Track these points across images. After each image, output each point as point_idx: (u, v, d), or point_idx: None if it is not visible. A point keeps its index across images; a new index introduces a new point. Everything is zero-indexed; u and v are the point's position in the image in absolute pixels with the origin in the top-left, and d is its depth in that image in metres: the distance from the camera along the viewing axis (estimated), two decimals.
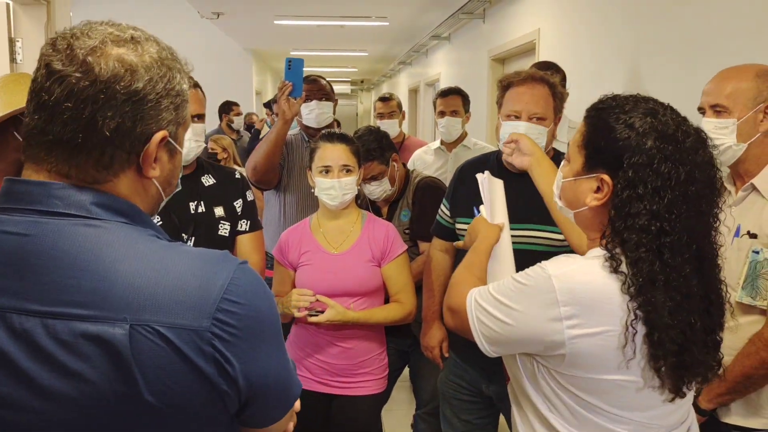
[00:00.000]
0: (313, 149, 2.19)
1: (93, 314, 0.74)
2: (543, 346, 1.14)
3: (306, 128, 2.82)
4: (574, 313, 1.09)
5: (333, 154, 2.12)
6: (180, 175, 0.95)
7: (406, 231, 2.53)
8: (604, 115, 1.16)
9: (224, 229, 1.96)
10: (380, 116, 3.84)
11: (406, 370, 2.71)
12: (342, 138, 2.17)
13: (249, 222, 2.01)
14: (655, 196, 1.07)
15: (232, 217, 1.98)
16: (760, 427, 1.60)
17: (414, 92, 10.04)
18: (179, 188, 0.98)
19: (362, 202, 2.58)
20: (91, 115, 0.78)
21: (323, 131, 2.27)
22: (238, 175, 2.06)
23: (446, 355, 2.25)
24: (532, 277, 1.17)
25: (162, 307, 0.76)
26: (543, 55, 3.98)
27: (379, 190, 2.50)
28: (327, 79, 2.93)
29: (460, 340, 2.15)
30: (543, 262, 1.18)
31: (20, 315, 0.75)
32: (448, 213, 2.19)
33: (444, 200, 2.24)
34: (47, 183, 0.80)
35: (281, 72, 3.14)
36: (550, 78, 2.01)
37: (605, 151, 1.13)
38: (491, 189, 1.60)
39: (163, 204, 0.93)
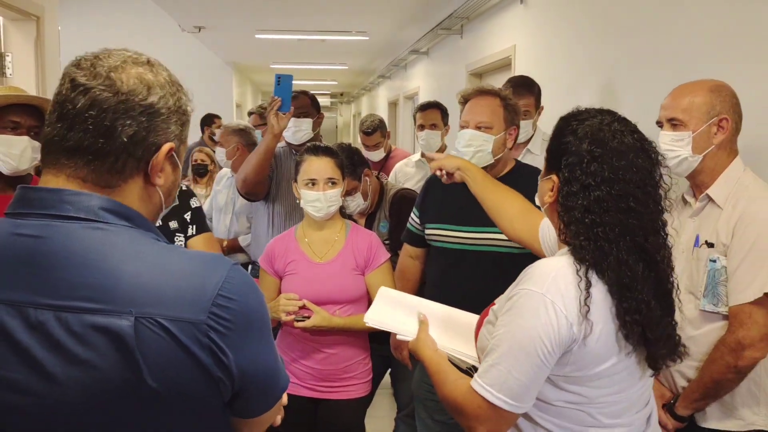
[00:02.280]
0: (299, 162, 2.27)
1: (101, 308, 0.82)
2: (553, 347, 1.16)
3: (288, 143, 2.91)
4: (562, 303, 1.17)
5: (318, 167, 2.20)
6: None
7: (386, 242, 2.62)
8: (561, 123, 1.31)
9: (179, 240, 2.12)
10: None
11: (388, 377, 2.79)
12: (327, 151, 2.25)
13: (195, 226, 2.17)
14: (585, 191, 1.20)
15: (183, 227, 2.14)
16: (735, 429, 1.65)
17: (393, 105, 10.16)
18: (176, 202, 1.07)
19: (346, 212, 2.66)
20: (111, 123, 0.87)
21: (308, 144, 2.36)
22: (183, 187, 2.19)
23: (410, 367, 2.34)
24: (509, 308, 1.22)
25: (163, 302, 0.84)
26: (519, 69, 4.11)
27: (353, 204, 2.61)
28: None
29: None
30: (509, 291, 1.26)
31: (35, 309, 0.82)
32: (417, 220, 2.30)
33: (414, 208, 2.35)
34: (59, 189, 0.88)
35: (261, 85, 3.22)
36: (501, 92, 2.16)
37: (554, 154, 1.29)
38: (383, 317, 1.67)
39: (162, 213, 1.02)
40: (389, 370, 2.77)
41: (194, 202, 2.21)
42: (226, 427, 0.94)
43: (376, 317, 1.68)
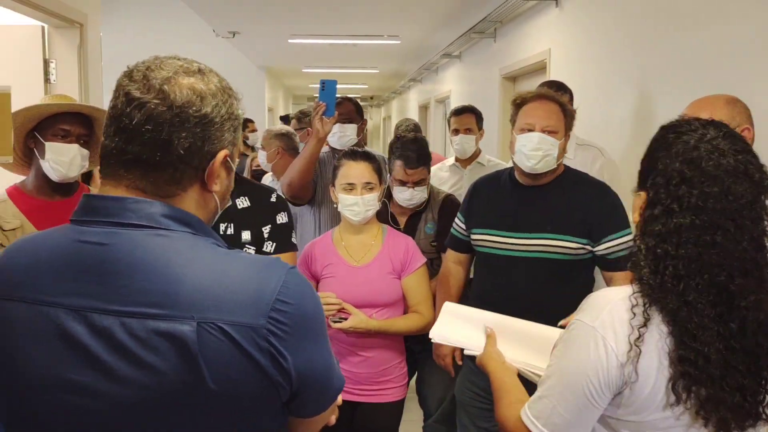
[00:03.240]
0: (337, 167, 2.29)
1: (164, 313, 0.84)
2: (602, 386, 1.09)
3: (332, 148, 2.95)
4: (614, 339, 1.08)
5: (356, 171, 2.22)
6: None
7: (433, 243, 2.60)
8: (658, 134, 1.18)
9: (249, 252, 2.03)
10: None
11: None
12: (365, 156, 2.27)
13: (275, 244, 2.04)
14: (666, 217, 1.08)
15: (257, 241, 2.02)
16: None
17: (424, 108, 10.16)
18: (230, 203, 1.09)
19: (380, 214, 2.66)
20: (168, 136, 0.89)
21: (348, 149, 2.39)
22: (273, 198, 2.08)
23: (459, 362, 2.31)
24: (563, 339, 1.17)
25: (224, 306, 0.85)
26: (554, 73, 4.08)
27: (419, 196, 2.56)
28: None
29: None
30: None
31: (100, 314, 0.85)
32: (463, 226, 2.28)
33: (459, 214, 2.33)
34: (122, 198, 0.90)
35: (292, 89, 3.27)
36: (559, 98, 2.13)
37: (645, 169, 1.17)
38: (451, 330, 1.63)
39: (216, 216, 1.04)
40: (416, 374, 2.75)
41: (282, 218, 2.07)
42: (283, 428, 0.96)
43: (441, 332, 1.64)
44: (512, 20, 5.01)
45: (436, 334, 1.66)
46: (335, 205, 2.29)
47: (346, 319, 2.14)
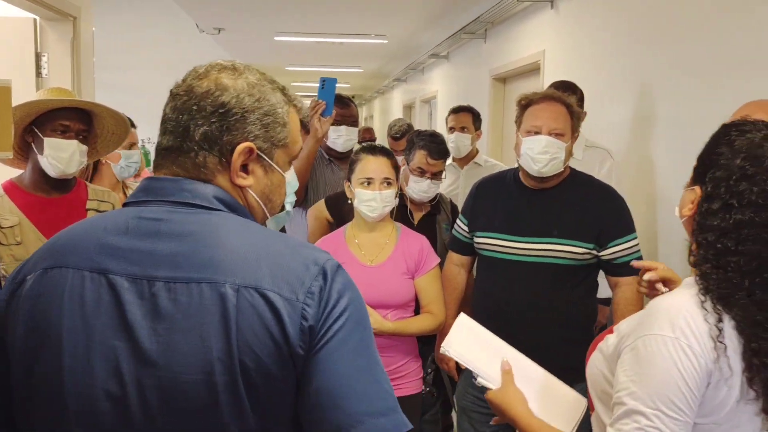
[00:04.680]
0: (354, 161, 2.23)
1: (209, 277, 0.87)
2: (699, 392, 1.07)
3: (328, 149, 2.90)
4: (697, 344, 1.06)
5: (375, 166, 2.17)
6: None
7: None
8: (720, 131, 1.17)
9: None
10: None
11: None
12: (384, 151, 2.23)
13: None
14: (726, 212, 1.08)
15: None
16: None
17: (409, 108, 10.15)
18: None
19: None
20: (185, 123, 0.95)
21: (364, 144, 2.33)
22: None
23: (463, 367, 2.30)
24: (630, 357, 1.10)
25: (266, 276, 0.87)
26: (548, 75, 4.09)
27: (434, 189, 2.56)
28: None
29: None
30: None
31: (149, 281, 0.88)
32: (466, 228, 2.25)
33: (460, 216, 2.30)
34: (178, 179, 0.95)
35: None
36: (566, 98, 2.10)
37: (703, 164, 1.16)
38: (466, 348, 1.54)
39: (273, 226, 1.04)
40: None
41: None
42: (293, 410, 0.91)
43: (457, 349, 1.56)
44: (504, 21, 5.02)
45: (452, 350, 1.57)
46: (350, 201, 2.24)
47: None
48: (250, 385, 0.85)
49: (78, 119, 1.95)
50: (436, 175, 2.54)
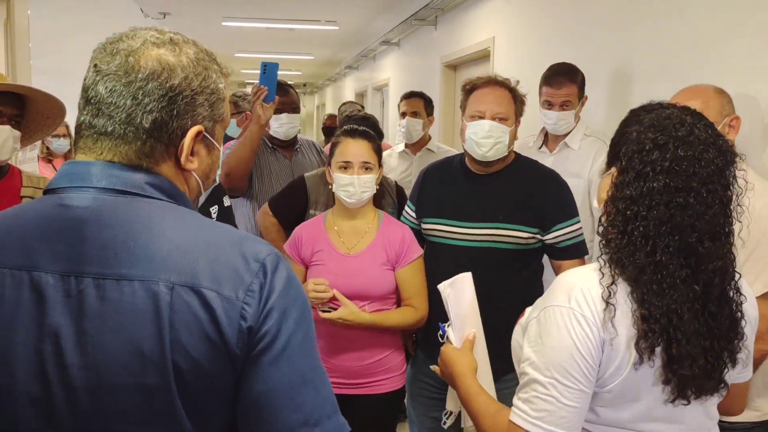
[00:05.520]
0: (334, 144, 2.16)
1: (142, 274, 0.81)
2: (594, 361, 1.09)
3: (272, 138, 2.84)
4: (590, 312, 1.09)
5: (354, 149, 2.09)
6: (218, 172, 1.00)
7: None
8: (629, 114, 1.20)
9: None
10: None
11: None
12: (364, 134, 2.15)
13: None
14: (639, 181, 1.09)
15: None
16: (753, 419, 1.66)
17: (361, 96, 10.09)
18: (216, 183, 1.03)
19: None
20: (131, 109, 0.86)
21: (347, 126, 2.25)
22: (216, 179, 2.05)
23: (412, 353, 2.29)
24: (533, 328, 1.14)
25: (204, 273, 0.82)
26: (498, 62, 4.11)
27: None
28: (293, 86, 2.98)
29: (428, 338, 2.21)
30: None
31: (77, 277, 0.82)
32: (413, 214, 2.24)
33: (408, 203, 2.29)
34: (106, 163, 0.87)
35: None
36: (510, 83, 2.11)
37: (615, 145, 1.18)
38: (458, 298, 1.54)
39: (203, 197, 0.97)
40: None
41: (226, 201, 2.05)
42: (231, 414, 0.88)
43: (449, 292, 1.53)
44: (454, 8, 5.02)
45: (448, 290, 1.53)
46: (330, 186, 2.16)
47: (336, 309, 2.02)
48: (184, 388, 0.81)
49: (10, 104, 1.86)
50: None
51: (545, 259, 2.16)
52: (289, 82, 2.98)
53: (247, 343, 0.82)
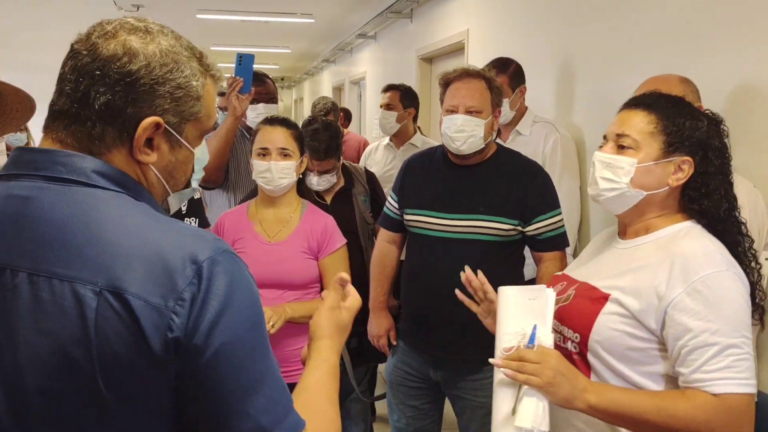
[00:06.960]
0: (254, 132, 2.16)
1: (72, 274, 0.78)
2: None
3: (248, 128, 2.82)
4: (737, 268, 1.27)
5: (271, 136, 2.09)
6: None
7: (372, 214, 2.58)
8: (678, 109, 1.33)
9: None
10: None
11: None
12: (283, 122, 2.15)
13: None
14: (719, 175, 1.31)
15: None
16: None
17: (338, 90, 10.06)
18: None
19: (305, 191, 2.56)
20: (86, 88, 0.85)
21: (268, 116, 2.26)
22: None
23: (393, 343, 2.30)
24: (695, 298, 1.22)
25: (134, 277, 0.78)
26: (473, 54, 4.12)
27: (326, 182, 2.49)
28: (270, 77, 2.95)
29: (408, 328, 2.22)
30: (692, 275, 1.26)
31: (12, 270, 0.80)
32: (396, 205, 2.25)
33: (392, 192, 2.30)
34: (52, 150, 0.86)
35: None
36: (486, 73, 2.12)
37: (689, 138, 1.30)
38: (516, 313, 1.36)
39: (175, 203, 0.97)
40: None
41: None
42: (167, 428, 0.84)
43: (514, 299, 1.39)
44: (429, 0, 5.02)
45: (506, 291, 1.42)
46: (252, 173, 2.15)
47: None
48: (117, 399, 0.78)
49: None
50: (329, 171, 2.47)
51: (526, 250, 2.18)
52: (266, 74, 2.96)
53: (177, 354, 0.78)
